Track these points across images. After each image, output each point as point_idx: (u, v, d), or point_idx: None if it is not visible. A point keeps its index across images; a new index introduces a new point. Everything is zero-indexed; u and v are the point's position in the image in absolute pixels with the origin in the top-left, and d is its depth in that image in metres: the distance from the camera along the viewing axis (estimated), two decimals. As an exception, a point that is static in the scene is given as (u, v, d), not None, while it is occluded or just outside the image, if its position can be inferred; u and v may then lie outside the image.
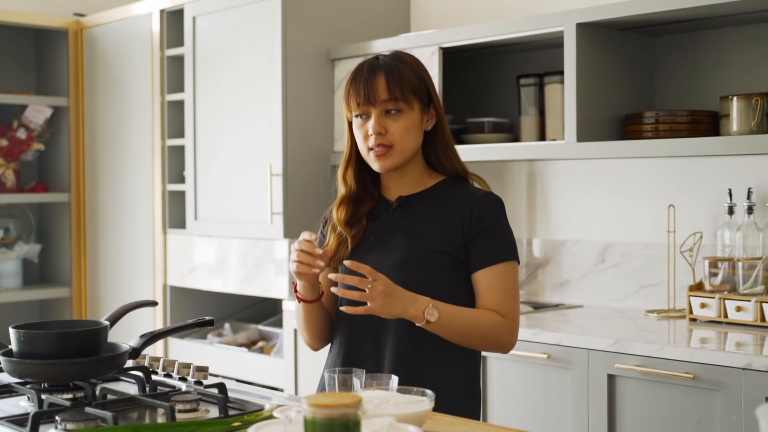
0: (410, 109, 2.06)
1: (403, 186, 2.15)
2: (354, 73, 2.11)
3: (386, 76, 2.06)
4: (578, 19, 3.02)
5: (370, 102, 2.05)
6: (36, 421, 1.64)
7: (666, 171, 3.28)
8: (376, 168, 2.10)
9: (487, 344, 2.07)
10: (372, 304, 1.93)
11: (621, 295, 3.37)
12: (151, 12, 4.22)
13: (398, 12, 3.99)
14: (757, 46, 3.06)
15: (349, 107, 2.10)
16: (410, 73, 2.08)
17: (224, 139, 3.90)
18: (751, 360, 2.41)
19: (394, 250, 2.08)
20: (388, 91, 2.05)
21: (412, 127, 2.07)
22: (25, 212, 4.82)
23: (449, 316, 1.99)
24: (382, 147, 2.06)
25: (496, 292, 2.05)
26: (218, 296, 4.20)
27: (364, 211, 2.14)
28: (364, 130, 2.08)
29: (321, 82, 3.75)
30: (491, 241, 2.06)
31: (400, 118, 2.06)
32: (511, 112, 3.60)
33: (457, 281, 2.07)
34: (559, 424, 2.82)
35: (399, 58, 2.11)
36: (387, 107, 2.05)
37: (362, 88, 2.06)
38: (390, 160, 2.07)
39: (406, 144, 2.07)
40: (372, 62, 2.09)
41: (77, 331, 1.92)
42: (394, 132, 2.05)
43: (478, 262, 2.06)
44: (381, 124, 2.05)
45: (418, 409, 1.61)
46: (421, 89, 2.09)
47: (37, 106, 4.68)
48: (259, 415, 1.72)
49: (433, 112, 2.12)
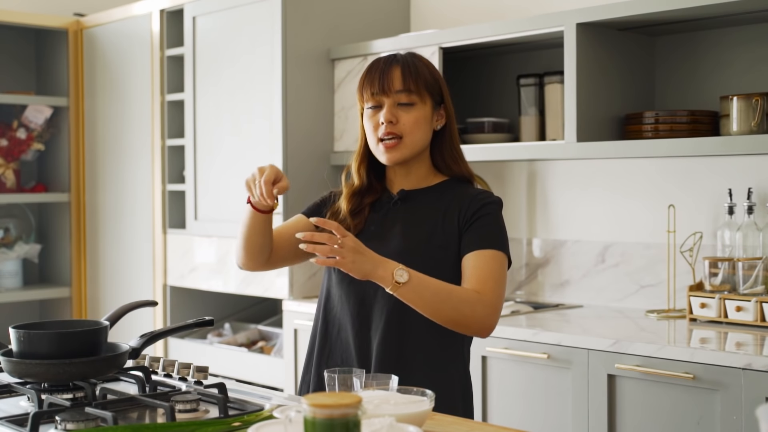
0: (423, 103, 2.09)
1: (407, 182, 2.17)
2: (370, 65, 2.14)
3: (402, 69, 2.09)
4: (578, 19, 3.02)
5: (384, 92, 2.08)
6: (36, 421, 1.64)
7: (666, 171, 3.28)
8: (384, 160, 2.11)
9: (461, 318, 1.97)
10: (342, 259, 1.89)
11: (621, 295, 3.37)
12: (151, 12, 4.22)
13: (398, 12, 3.99)
14: (757, 46, 3.06)
15: (362, 97, 2.13)
16: (426, 70, 2.12)
17: (224, 139, 3.90)
18: (751, 360, 2.41)
19: (392, 241, 2.09)
20: (403, 82, 2.08)
21: (423, 121, 2.10)
22: (25, 212, 4.82)
23: (420, 280, 1.94)
24: (392, 137, 2.07)
25: (479, 272, 2.01)
26: (218, 296, 4.20)
27: (367, 203, 2.17)
28: (376, 120, 2.10)
29: (321, 82, 3.75)
30: (483, 230, 2.06)
31: (412, 110, 2.08)
32: (511, 112, 3.60)
33: (453, 275, 2.06)
34: (559, 424, 2.82)
35: (416, 56, 2.15)
36: (400, 99, 2.08)
37: (377, 78, 2.09)
38: (398, 152, 2.09)
39: (416, 137, 2.09)
40: (389, 56, 2.14)
41: (77, 331, 1.92)
42: (405, 123, 2.08)
43: (467, 247, 2.06)
44: (393, 113, 2.08)
45: (418, 409, 1.61)
46: (435, 87, 2.12)
47: (37, 106, 4.68)
48: (259, 415, 1.72)
49: (444, 112, 2.15)
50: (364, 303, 2.09)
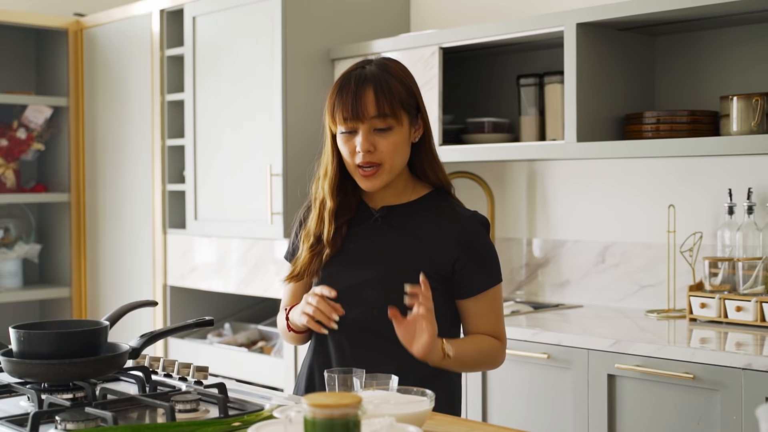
0: (399, 125, 1.99)
1: (387, 196, 2.08)
2: (340, 84, 2.00)
3: (375, 91, 1.97)
4: (578, 19, 3.02)
5: (358, 118, 1.96)
6: (36, 421, 1.64)
7: (666, 171, 3.28)
8: (365, 187, 2.03)
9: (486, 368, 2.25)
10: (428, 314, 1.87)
11: (621, 295, 3.37)
12: (151, 12, 4.22)
13: (398, 12, 3.99)
14: (757, 46, 3.06)
15: (334, 120, 2.01)
16: (399, 85, 2.00)
17: (224, 139, 3.90)
18: (751, 360, 2.41)
19: (374, 265, 2.03)
20: (377, 107, 1.96)
21: (402, 144, 2.00)
22: (25, 212, 4.82)
23: (460, 348, 1.99)
24: (371, 166, 1.99)
25: (490, 318, 2.07)
26: (218, 296, 4.20)
27: (344, 221, 2.07)
28: (351, 145, 1.99)
29: (321, 82, 3.74)
30: (479, 269, 2.04)
31: (389, 135, 1.98)
32: (511, 112, 3.60)
33: (442, 304, 2.02)
34: (559, 424, 2.82)
35: (386, 68, 2.01)
36: (376, 125, 1.97)
37: (350, 102, 1.96)
38: (379, 180, 2.01)
39: (395, 162, 2.01)
40: (359, 74, 1.99)
41: (77, 331, 1.92)
42: (384, 150, 1.98)
43: (468, 290, 2.04)
44: (370, 141, 1.97)
45: (418, 409, 1.61)
46: (410, 102, 2.02)
47: (37, 106, 4.68)
48: (259, 415, 1.72)
49: (421, 122, 2.06)
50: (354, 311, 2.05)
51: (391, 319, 1.88)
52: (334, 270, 2.06)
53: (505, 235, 3.69)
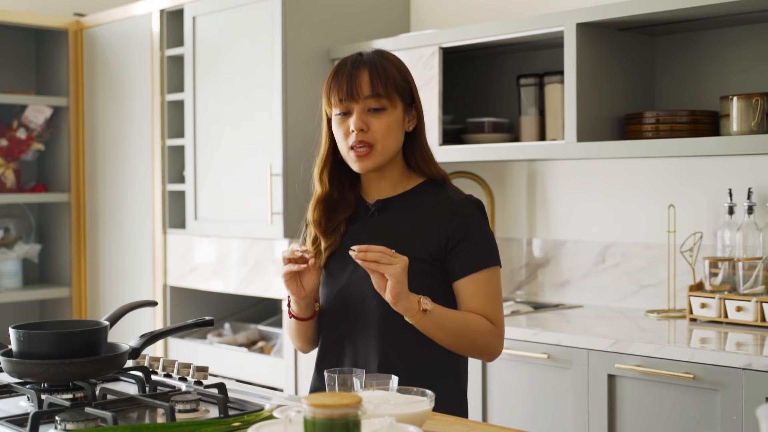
0: (393, 107, 2.02)
1: (382, 188, 2.10)
2: (336, 67, 2.06)
3: (370, 72, 2.01)
4: (578, 19, 3.02)
5: (352, 97, 2.00)
6: (36, 421, 1.64)
7: (666, 171, 3.28)
8: (356, 168, 2.05)
9: (475, 347, 2.03)
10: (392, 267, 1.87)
11: (621, 295, 3.37)
12: (151, 12, 4.22)
13: (398, 12, 3.99)
14: (757, 46, 3.06)
15: (329, 102, 2.05)
16: (394, 70, 2.04)
17: (224, 139, 3.90)
18: (751, 360, 2.41)
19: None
20: (372, 87, 2.00)
21: (395, 126, 2.03)
22: (25, 212, 4.82)
23: (441, 311, 1.96)
24: (364, 146, 2.01)
25: (482, 299, 2.02)
26: (218, 296, 4.20)
27: (343, 218, 2.10)
28: (345, 126, 2.03)
29: (321, 82, 3.69)
30: (472, 248, 2.02)
31: (382, 116, 2.01)
32: (511, 112, 3.60)
33: (436, 285, 2.03)
34: (559, 424, 2.82)
35: (383, 55, 2.07)
36: (370, 104, 2.01)
37: (345, 82, 2.01)
38: (371, 160, 2.02)
39: (388, 143, 2.02)
40: (355, 58, 2.05)
41: (77, 331, 1.92)
42: (376, 130, 2.01)
43: (460, 270, 2.02)
44: (363, 120, 2.00)
45: (418, 409, 1.61)
46: (405, 88, 2.05)
47: (37, 106, 4.68)
48: (259, 415, 1.72)
49: (415, 113, 2.08)
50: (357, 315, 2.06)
51: (394, 310, 1.92)
52: (335, 264, 2.09)
53: (505, 235, 3.69)
